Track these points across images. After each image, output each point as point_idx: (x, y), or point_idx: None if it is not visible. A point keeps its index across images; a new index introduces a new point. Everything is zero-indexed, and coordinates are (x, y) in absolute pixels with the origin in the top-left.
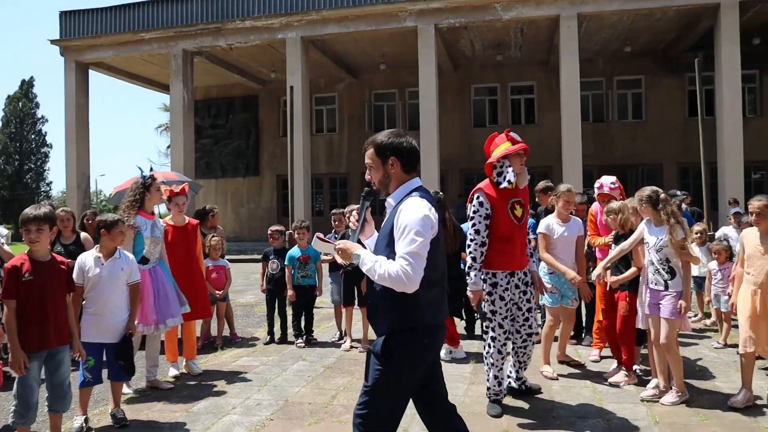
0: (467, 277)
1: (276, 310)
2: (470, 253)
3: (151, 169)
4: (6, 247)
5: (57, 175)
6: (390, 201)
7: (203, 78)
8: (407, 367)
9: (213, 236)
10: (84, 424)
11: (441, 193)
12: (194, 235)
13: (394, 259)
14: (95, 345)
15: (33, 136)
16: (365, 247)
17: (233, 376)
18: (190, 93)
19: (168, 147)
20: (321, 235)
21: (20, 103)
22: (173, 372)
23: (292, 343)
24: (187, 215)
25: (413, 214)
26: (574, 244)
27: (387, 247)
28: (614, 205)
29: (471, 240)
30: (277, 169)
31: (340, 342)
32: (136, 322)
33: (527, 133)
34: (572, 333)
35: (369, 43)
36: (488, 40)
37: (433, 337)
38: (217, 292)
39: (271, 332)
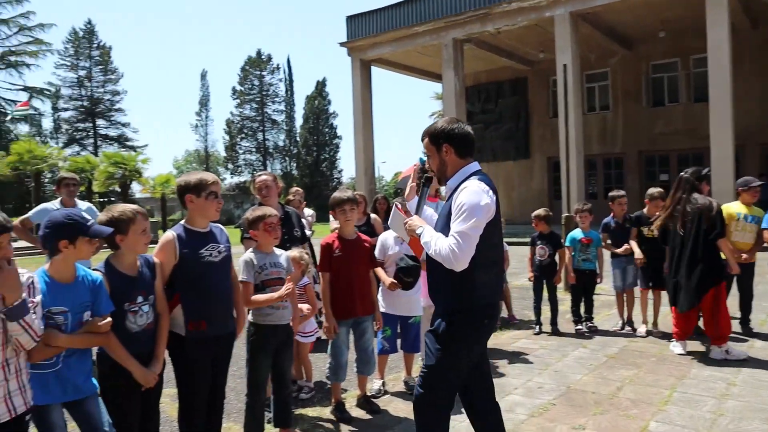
0: None
1: (545, 298)
2: None
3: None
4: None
5: (346, 163)
6: (448, 186)
7: (472, 64)
8: (465, 347)
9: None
10: (382, 387)
11: (708, 168)
12: None
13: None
14: (392, 317)
15: (326, 130)
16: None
17: (514, 357)
18: (461, 80)
19: None
20: (399, 206)
21: (316, 102)
22: None
23: (564, 334)
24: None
25: (470, 196)
26: None
27: (445, 228)
28: None
29: None
30: (547, 151)
31: (623, 331)
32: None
33: None
34: None
35: (646, 10)
36: None
37: (491, 318)
38: None
39: (538, 322)
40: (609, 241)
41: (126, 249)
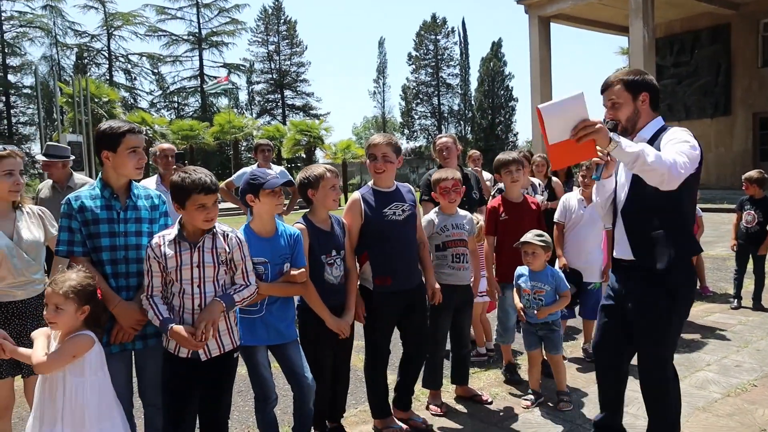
0: None
1: (749, 270)
2: None
3: None
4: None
5: (522, 126)
6: (641, 137)
7: (664, 13)
8: (688, 304)
9: None
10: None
11: None
12: None
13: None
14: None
15: (502, 92)
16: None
17: (706, 332)
18: (651, 31)
19: None
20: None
21: (491, 64)
22: None
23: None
24: None
25: (685, 133)
26: None
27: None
28: None
29: None
30: (753, 106)
31: None
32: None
33: None
34: None
35: None
36: None
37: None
38: None
39: (738, 295)
40: None
41: (317, 204)
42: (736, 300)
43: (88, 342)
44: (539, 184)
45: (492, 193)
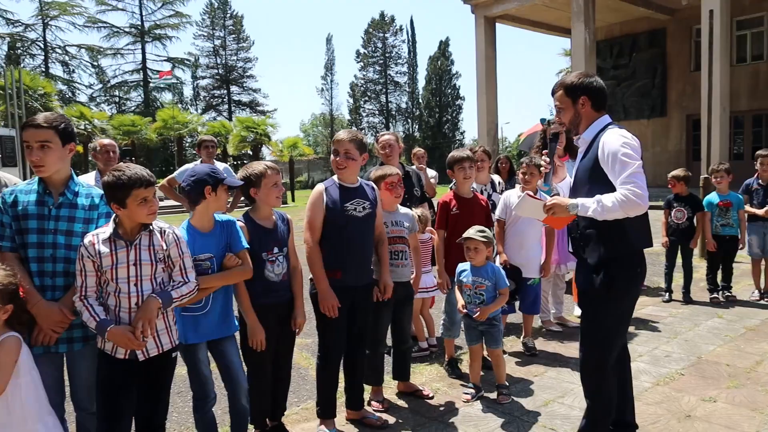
0: None
1: (678, 264)
2: None
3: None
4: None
5: (469, 124)
6: (583, 138)
7: (605, 16)
8: (625, 297)
9: None
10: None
11: None
12: None
13: (601, 193)
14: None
15: (449, 91)
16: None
17: (639, 324)
18: (592, 34)
19: None
20: (531, 193)
21: (438, 62)
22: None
23: (696, 302)
24: None
25: (617, 142)
26: None
27: (590, 180)
28: None
29: None
30: (687, 108)
31: (761, 302)
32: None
33: None
34: None
35: None
36: None
37: (644, 264)
38: None
39: (669, 289)
40: (748, 205)
41: (260, 201)
42: (667, 293)
43: (16, 344)
44: (499, 183)
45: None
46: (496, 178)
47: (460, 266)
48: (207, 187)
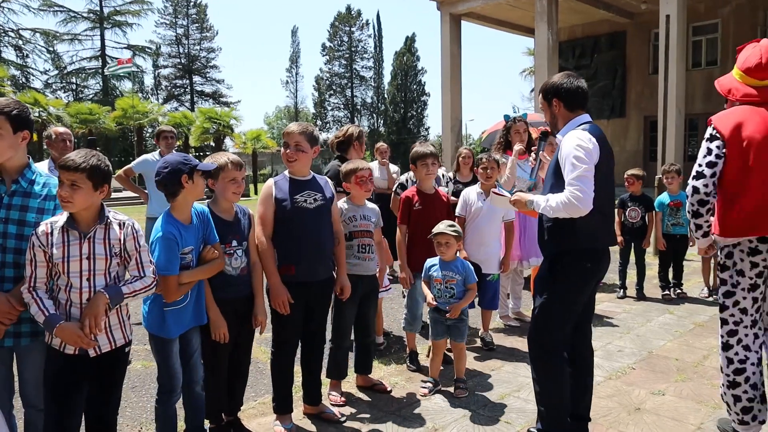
0: None
1: (632, 262)
2: None
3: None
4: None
5: (434, 120)
6: (558, 137)
7: (568, 17)
8: (570, 287)
9: None
10: None
11: None
12: None
13: (561, 190)
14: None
15: (414, 87)
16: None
17: (594, 320)
18: (555, 34)
19: (532, 91)
20: (497, 190)
21: (404, 58)
22: None
23: (649, 299)
24: None
25: (570, 144)
26: None
27: (554, 176)
28: None
29: None
30: (645, 109)
31: (709, 299)
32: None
33: None
34: None
35: None
36: None
37: (596, 261)
38: None
39: (623, 286)
40: None
41: (217, 194)
42: (621, 290)
43: None
44: (443, 176)
45: (394, 188)
46: (440, 171)
47: (429, 261)
48: (183, 176)
